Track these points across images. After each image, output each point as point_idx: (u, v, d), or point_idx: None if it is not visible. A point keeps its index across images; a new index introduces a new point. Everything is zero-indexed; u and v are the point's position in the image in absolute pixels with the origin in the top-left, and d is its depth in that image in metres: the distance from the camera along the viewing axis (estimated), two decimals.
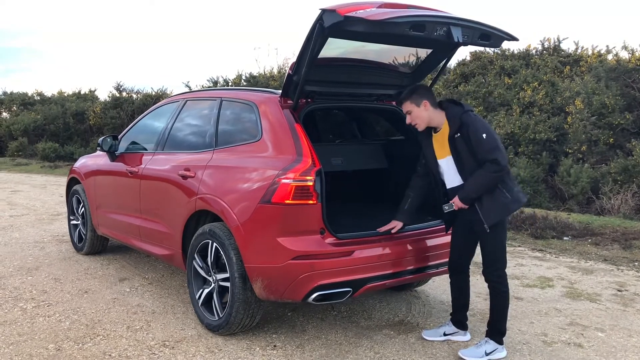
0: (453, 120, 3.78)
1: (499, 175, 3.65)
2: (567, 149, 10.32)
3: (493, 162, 3.61)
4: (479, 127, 3.68)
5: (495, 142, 3.67)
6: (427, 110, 3.85)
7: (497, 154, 3.62)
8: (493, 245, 3.80)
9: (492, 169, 3.63)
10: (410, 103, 3.87)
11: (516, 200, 3.74)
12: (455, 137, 3.75)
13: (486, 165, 3.64)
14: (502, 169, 3.64)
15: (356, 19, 3.39)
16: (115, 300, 4.98)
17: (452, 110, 3.81)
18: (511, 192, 3.71)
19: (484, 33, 3.82)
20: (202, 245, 4.30)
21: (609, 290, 5.40)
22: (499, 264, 3.81)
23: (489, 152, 3.62)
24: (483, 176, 3.66)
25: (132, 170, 5.33)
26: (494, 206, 3.69)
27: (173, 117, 5.19)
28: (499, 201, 3.68)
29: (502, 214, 3.73)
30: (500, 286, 3.82)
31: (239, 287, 3.95)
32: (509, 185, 3.72)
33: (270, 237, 3.75)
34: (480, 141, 3.64)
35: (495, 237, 3.77)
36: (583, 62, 13.07)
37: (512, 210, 3.79)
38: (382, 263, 3.92)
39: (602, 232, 7.51)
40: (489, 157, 3.62)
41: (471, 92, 12.56)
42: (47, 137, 20.63)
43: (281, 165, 3.78)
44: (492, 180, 3.66)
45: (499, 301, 3.85)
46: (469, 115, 3.75)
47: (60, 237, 7.51)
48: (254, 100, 4.32)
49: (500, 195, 3.69)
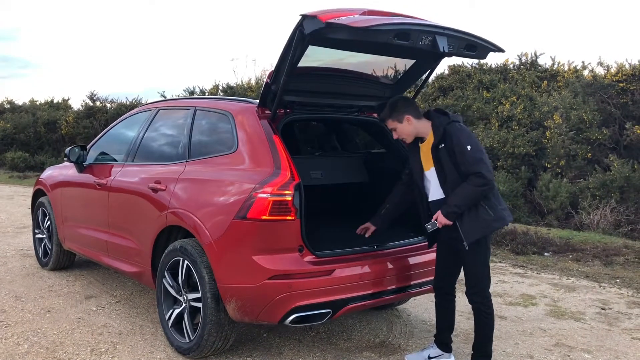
0: (437, 131, 3.62)
1: (484, 189, 3.48)
2: (546, 163, 10.30)
3: (477, 176, 3.45)
4: (463, 138, 3.52)
5: (480, 155, 3.50)
6: (410, 125, 3.69)
7: (481, 167, 3.45)
8: (475, 265, 3.63)
9: (476, 183, 3.46)
10: (392, 121, 3.72)
11: (500, 218, 3.57)
12: (439, 147, 3.59)
13: (470, 178, 3.47)
14: (487, 183, 3.47)
15: (338, 26, 3.22)
16: (79, 320, 4.69)
17: (438, 120, 3.66)
18: (494, 210, 3.54)
19: (470, 43, 3.68)
20: (172, 262, 4.06)
21: (593, 309, 5.28)
22: (482, 284, 3.65)
23: (473, 164, 3.46)
24: (467, 190, 3.49)
25: (100, 182, 5.06)
26: (474, 223, 3.53)
27: (144, 126, 4.95)
28: (481, 218, 3.52)
29: (483, 231, 3.55)
30: (484, 307, 3.65)
31: (211, 308, 3.71)
32: (492, 202, 3.55)
33: (245, 255, 3.53)
34: (464, 153, 3.48)
35: (477, 256, 3.61)
36: (560, 77, 13.15)
37: (493, 228, 3.62)
38: (363, 282, 3.72)
39: (583, 247, 7.43)
40: (473, 170, 3.45)
41: (450, 105, 12.50)
42: (17, 147, 20.04)
43: (258, 178, 3.57)
44: (476, 194, 3.49)
45: (484, 323, 3.68)
46: (453, 126, 3.59)
47: (25, 251, 7.16)
48: (230, 110, 4.11)
49: (482, 212, 3.53)
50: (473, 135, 3.61)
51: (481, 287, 3.64)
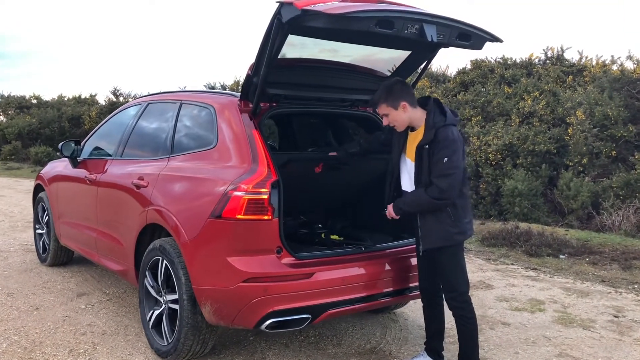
0: (429, 130, 3.40)
1: (437, 203, 3.34)
2: (568, 161, 9.87)
3: (436, 188, 3.30)
4: (447, 148, 3.31)
5: (452, 171, 3.30)
6: (406, 112, 3.47)
7: (444, 182, 3.29)
8: (449, 269, 3.46)
9: (432, 194, 3.32)
10: (387, 106, 3.48)
11: (462, 232, 3.41)
12: (424, 147, 3.37)
13: (430, 187, 3.33)
14: (442, 199, 3.32)
15: (315, 13, 3.02)
16: (65, 319, 4.59)
17: (433, 119, 3.41)
18: (459, 222, 3.38)
19: (463, 32, 3.43)
20: (153, 262, 3.92)
21: (605, 316, 4.96)
22: (460, 288, 3.46)
23: (439, 176, 3.30)
24: (421, 196, 3.38)
25: (90, 177, 4.95)
26: (435, 230, 3.38)
27: (134, 121, 4.82)
28: (442, 227, 3.36)
29: (443, 241, 3.38)
30: (464, 312, 3.46)
31: (187, 310, 3.56)
32: (459, 214, 3.38)
33: (219, 256, 3.35)
34: (440, 163, 3.31)
35: (450, 260, 3.44)
36: (587, 72, 12.65)
37: (455, 240, 3.41)
38: (346, 286, 3.51)
39: (601, 250, 7.07)
40: (435, 182, 3.30)
41: (469, 101, 12.16)
42: (42, 141, 20.30)
43: (234, 175, 3.39)
44: (427, 203, 3.36)
45: (466, 330, 3.48)
46: (445, 131, 3.36)
47: (29, 246, 7.13)
48: (212, 103, 3.94)
49: (446, 221, 3.36)
50: (459, 146, 3.36)
51: (460, 291, 3.45)
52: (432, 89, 13.84)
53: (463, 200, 3.42)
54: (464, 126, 11.48)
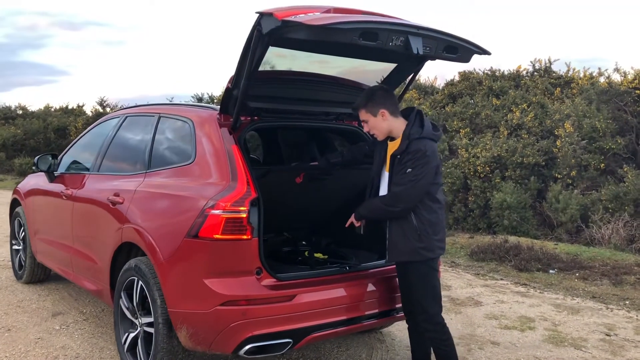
0: (403, 141, 3.32)
1: (388, 209, 3.31)
2: (556, 174, 9.81)
3: (391, 195, 3.28)
4: (412, 160, 3.24)
5: (412, 184, 3.21)
6: (385, 121, 3.38)
7: (398, 189, 3.24)
8: (418, 288, 3.35)
9: (386, 200, 3.31)
10: (366, 112, 3.40)
11: (430, 248, 3.30)
12: (397, 157, 3.31)
13: (387, 193, 3.31)
14: (393, 206, 3.27)
15: (295, 25, 2.89)
16: (38, 341, 4.39)
17: (411, 130, 3.33)
18: (426, 237, 3.27)
19: (450, 45, 3.32)
20: (128, 282, 3.74)
21: (596, 334, 4.84)
22: (430, 309, 3.35)
23: (397, 184, 3.26)
24: (376, 202, 3.40)
25: (65, 193, 4.78)
26: (400, 244, 3.30)
27: (111, 134, 4.66)
28: (408, 241, 3.27)
29: (408, 255, 3.30)
30: (438, 334, 3.36)
31: (162, 335, 3.39)
32: (426, 230, 3.27)
33: (196, 277, 3.20)
34: (400, 172, 3.25)
35: (418, 280, 3.33)
36: (574, 84, 12.68)
37: (422, 256, 3.29)
38: (330, 308, 3.37)
39: (591, 265, 6.97)
40: (393, 190, 3.27)
41: (458, 112, 12.09)
42: (27, 152, 20.03)
43: (211, 193, 3.24)
44: (380, 210, 3.36)
45: (443, 352, 3.37)
46: (418, 144, 3.27)
47: (6, 262, 6.90)
48: (190, 116, 3.79)
49: (412, 235, 3.26)
50: (429, 161, 3.25)
51: (431, 313, 3.34)
52: (420, 101, 13.78)
53: (433, 216, 3.31)
54: (452, 138, 11.41)
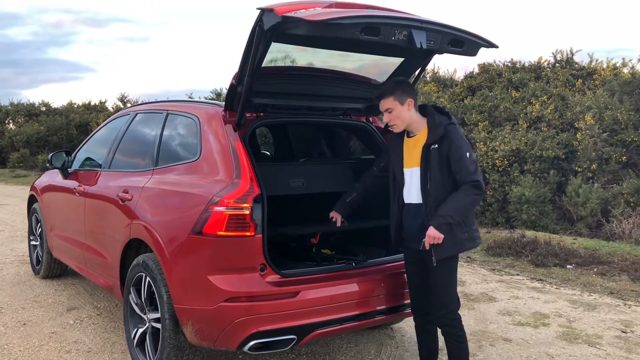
0: (435, 129, 3.26)
1: (478, 199, 3.24)
2: (577, 167, 9.63)
3: (474, 185, 3.17)
4: (462, 144, 3.22)
5: (476, 164, 3.22)
6: (410, 111, 3.32)
7: (479, 177, 3.20)
8: (445, 284, 3.29)
9: (474, 192, 3.17)
10: (394, 100, 3.31)
11: (472, 239, 3.28)
12: (432, 148, 3.23)
13: (466, 187, 3.18)
14: (481, 194, 3.22)
15: (296, 20, 2.87)
16: (52, 335, 4.46)
17: (437, 119, 3.30)
18: (470, 229, 3.25)
19: (456, 38, 3.27)
20: (136, 278, 3.78)
21: (612, 331, 4.75)
22: (452, 305, 3.32)
23: (472, 173, 3.17)
24: (462, 199, 3.18)
25: (78, 189, 4.84)
26: (447, 239, 3.18)
27: (122, 131, 4.70)
28: (455, 235, 3.20)
29: (455, 249, 3.26)
30: (455, 330, 3.31)
31: (169, 330, 3.41)
32: (470, 221, 3.25)
33: (200, 274, 3.21)
34: (463, 159, 3.18)
35: (448, 274, 3.29)
36: (597, 76, 12.39)
37: (466, 247, 3.30)
38: (335, 305, 3.36)
39: (610, 260, 6.83)
40: (472, 179, 3.17)
41: (476, 105, 11.94)
42: (50, 149, 20.36)
43: (215, 189, 3.25)
44: (473, 203, 3.24)
45: (457, 349, 3.33)
46: (454, 128, 3.26)
47: (25, 257, 7.02)
48: (196, 113, 3.80)
49: (457, 229, 3.20)
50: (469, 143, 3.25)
51: (451, 309, 3.31)
52: (439, 94, 13.64)
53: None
54: (471, 131, 11.28)
